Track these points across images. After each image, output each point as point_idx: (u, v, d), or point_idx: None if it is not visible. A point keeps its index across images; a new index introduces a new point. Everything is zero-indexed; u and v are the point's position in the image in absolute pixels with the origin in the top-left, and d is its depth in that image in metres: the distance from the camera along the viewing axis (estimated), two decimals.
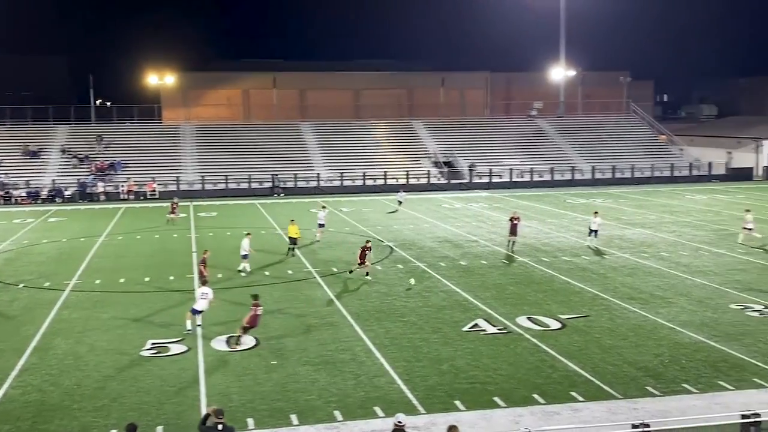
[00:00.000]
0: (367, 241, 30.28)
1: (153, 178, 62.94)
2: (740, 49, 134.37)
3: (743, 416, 11.35)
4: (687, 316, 23.47)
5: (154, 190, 61.24)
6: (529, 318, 23.56)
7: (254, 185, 63.18)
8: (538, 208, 51.03)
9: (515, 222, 35.38)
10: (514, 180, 67.07)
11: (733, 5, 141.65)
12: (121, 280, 29.78)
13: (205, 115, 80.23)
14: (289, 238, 34.45)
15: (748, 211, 36.79)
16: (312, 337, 21.90)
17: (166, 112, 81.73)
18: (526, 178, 67.51)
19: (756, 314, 23.62)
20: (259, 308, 21.04)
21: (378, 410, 16.51)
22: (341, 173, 65.69)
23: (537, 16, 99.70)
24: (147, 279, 30.03)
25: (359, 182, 65.12)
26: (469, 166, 68.54)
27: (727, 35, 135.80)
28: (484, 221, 45.06)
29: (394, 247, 36.18)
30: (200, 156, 68.78)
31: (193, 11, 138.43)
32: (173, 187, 62.16)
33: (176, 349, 20.88)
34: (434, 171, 68.45)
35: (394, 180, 65.34)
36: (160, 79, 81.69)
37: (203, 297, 22.29)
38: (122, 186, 61.36)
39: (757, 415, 11.32)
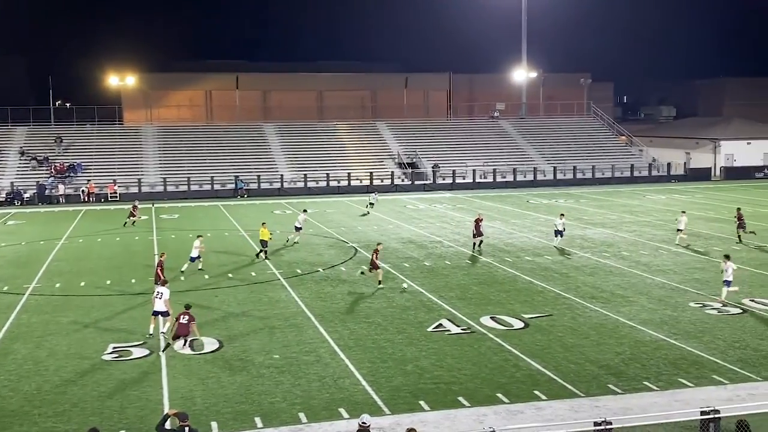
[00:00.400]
0: (378, 244, 29.78)
1: (114, 180, 62.16)
2: (698, 52, 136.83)
3: (703, 413, 11.55)
4: (647, 315, 23.82)
5: (115, 193, 60.48)
6: (492, 318, 23.72)
7: (217, 187, 62.74)
8: (501, 209, 51.40)
9: (479, 222, 35.59)
10: (477, 181, 67.51)
11: (690, 9, 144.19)
12: (82, 284, 29.36)
13: (166, 116, 79.44)
14: (261, 241, 34.07)
15: (683, 212, 36.83)
16: (276, 339, 21.80)
17: (127, 114, 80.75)
18: (489, 179, 68.01)
19: (714, 312, 24.05)
20: (185, 317, 20.17)
21: (343, 411, 16.50)
22: (305, 175, 65.52)
23: (499, 19, 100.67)
24: (108, 282, 29.64)
25: (323, 183, 65.01)
26: (433, 167, 68.82)
27: (685, 38, 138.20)
28: (447, 222, 45.27)
29: (358, 249, 36.17)
30: (162, 158, 68.10)
31: (155, 12, 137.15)
32: (135, 189, 61.51)
33: (138, 352, 20.64)
34: (398, 172, 68.60)
35: (358, 181, 65.36)
36: (121, 80, 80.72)
37: (158, 297, 21.77)
38: (83, 188, 60.50)
39: (717, 411, 11.53)
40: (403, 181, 67.49)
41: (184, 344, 20.67)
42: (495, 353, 20.32)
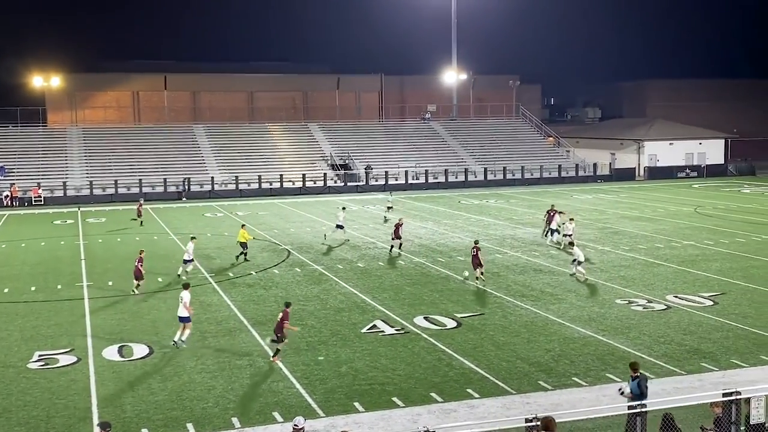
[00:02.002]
0: (476, 242, 29.48)
1: (38, 183, 60.34)
2: (622, 55, 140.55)
3: (630, 407, 11.86)
4: (576, 312, 24.36)
5: (39, 196, 58.71)
6: (426, 318, 23.91)
7: (146, 189, 61.52)
8: (433, 209, 51.83)
9: (399, 227, 35.69)
10: (409, 182, 67.92)
11: (615, 13, 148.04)
12: (6, 290, 28.42)
13: (93, 118, 77.59)
14: (240, 243, 33.62)
15: (572, 220, 36.62)
16: (208, 344, 21.52)
17: (52, 115, 78.49)
18: (422, 180, 68.51)
19: (640, 308, 24.74)
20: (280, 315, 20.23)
21: (277, 415, 16.39)
22: (236, 177, 64.81)
23: (429, 21, 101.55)
24: (33, 288, 28.78)
25: (255, 186, 64.43)
26: (366, 169, 68.95)
27: (610, 41, 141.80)
28: (380, 223, 45.40)
29: (291, 251, 35.98)
30: (88, 160, 66.44)
31: (80, 11, 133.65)
32: (60, 193, 59.92)
33: (65, 360, 20.10)
34: (331, 173, 68.49)
35: (290, 183, 65.02)
36: (45, 80, 78.38)
37: (180, 302, 21.32)
38: (5, 192, 58.52)
39: (644, 405, 11.85)
40: (335, 182, 67.44)
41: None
42: (429, 353, 20.48)
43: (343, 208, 40.17)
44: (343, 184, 66.96)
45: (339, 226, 38.14)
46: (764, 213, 47.18)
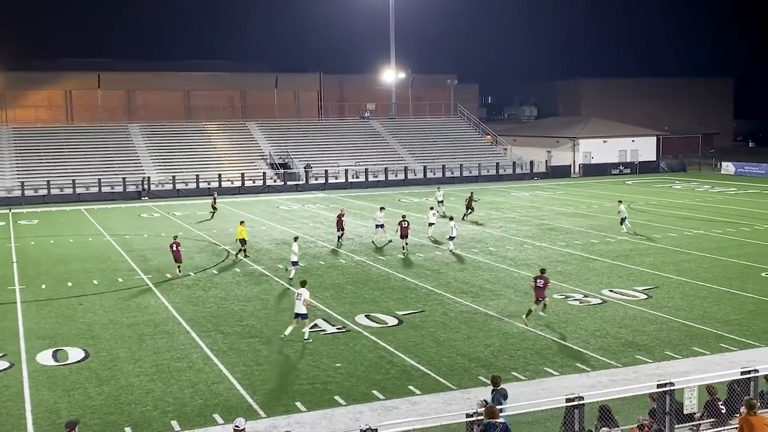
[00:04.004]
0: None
1: None
2: (557, 54, 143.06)
3: (568, 400, 12.07)
4: (514, 307, 24.69)
5: None
6: (367, 316, 23.94)
7: (80, 190, 60.06)
8: (374, 208, 51.79)
9: (341, 218, 36.54)
10: (349, 181, 67.87)
11: (549, 13, 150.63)
12: None
13: (24, 117, 75.28)
14: (239, 240, 33.66)
15: (451, 218, 36.50)
16: (146, 346, 21.14)
17: None
18: (362, 179, 68.52)
19: (576, 303, 25.23)
20: (540, 281, 22.75)
21: (217, 417, 16.21)
22: (173, 177, 63.78)
23: (368, 19, 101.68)
24: None
25: (192, 185, 63.50)
26: (305, 168, 68.67)
27: (545, 41, 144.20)
28: (321, 222, 45.28)
29: (230, 251, 35.60)
30: (19, 161, 64.54)
31: (10, 7, 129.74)
32: None
33: None
34: (270, 173, 67.99)
35: (229, 183, 64.30)
36: None
37: (297, 298, 21.52)
38: None
39: (581, 398, 12.07)
40: (275, 181, 66.96)
41: (544, 307, 23.11)
42: (370, 351, 20.51)
43: (382, 208, 38.93)
44: (282, 183, 66.51)
45: (379, 226, 37.13)
46: (695, 208, 48.60)
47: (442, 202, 48.57)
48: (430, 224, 38.36)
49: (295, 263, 29.37)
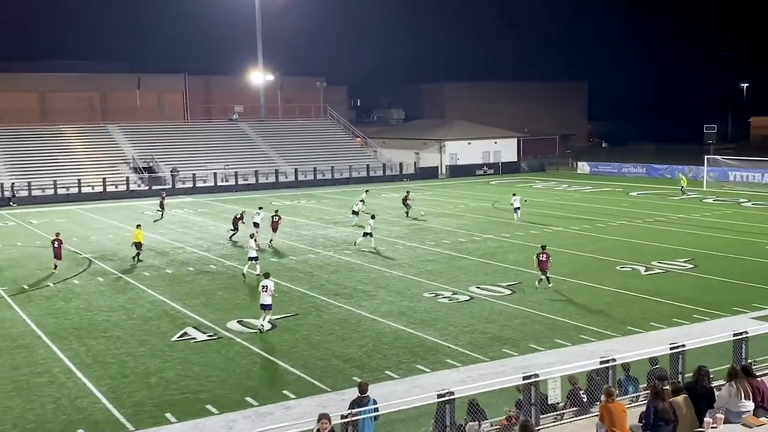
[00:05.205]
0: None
1: None
2: (423, 58, 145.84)
3: (439, 395, 12.32)
4: (387, 307, 25.01)
5: None
6: (239, 321, 23.59)
7: None
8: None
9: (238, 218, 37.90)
10: (218, 184, 66.62)
11: (415, 18, 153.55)
12: None
13: None
14: (134, 243, 33.05)
15: (373, 216, 38.59)
16: (2, 362, 19.96)
17: None
18: (231, 182, 67.40)
19: (446, 300, 25.83)
20: (543, 255, 26.65)
21: None
22: (28, 182, 60.52)
23: (234, 21, 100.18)
24: None
25: (50, 191, 60.47)
26: (172, 172, 66.80)
27: (411, 45, 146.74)
28: (189, 227, 44.21)
29: (92, 259, 34.18)
30: None
31: None
32: None
33: None
34: (134, 177, 65.73)
35: (90, 188, 61.72)
36: None
37: (263, 290, 22.58)
38: None
39: (452, 393, 12.34)
40: (139, 186, 64.80)
41: (548, 280, 26.69)
42: (243, 357, 20.22)
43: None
44: (147, 187, 64.43)
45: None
46: (554, 206, 50.81)
47: (363, 201, 48.01)
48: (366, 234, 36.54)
49: (254, 258, 30.16)
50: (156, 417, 16.36)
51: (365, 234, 36.12)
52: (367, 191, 52.84)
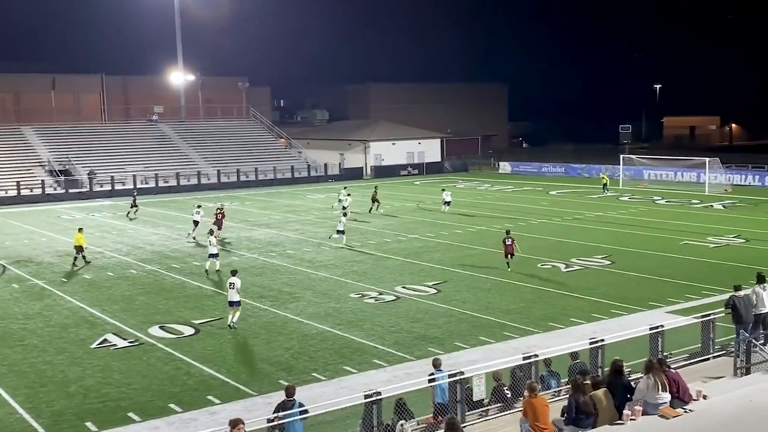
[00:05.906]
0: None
1: None
2: (346, 59, 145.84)
3: (366, 396, 12.36)
4: (313, 309, 24.92)
5: None
6: (161, 327, 23.14)
7: None
8: (166, 215, 50.24)
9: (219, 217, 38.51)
10: (138, 187, 65.11)
11: (339, 18, 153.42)
12: None
13: None
14: (76, 247, 32.25)
15: (345, 214, 39.67)
16: None
17: None
18: (151, 184, 66.00)
19: (372, 301, 25.91)
20: (509, 240, 30.01)
21: None
22: None
23: (152, 21, 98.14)
24: None
25: None
26: (89, 174, 65.01)
27: (335, 45, 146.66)
28: (108, 231, 43.11)
29: (7, 266, 32.99)
30: None
31: None
32: None
33: None
34: (49, 180, 63.71)
35: (3, 192, 59.53)
36: None
37: (231, 287, 22.80)
38: None
39: (379, 393, 12.41)
40: (55, 189, 62.83)
41: (512, 259, 29.78)
42: (165, 363, 19.84)
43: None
44: (64, 191, 62.53)
45: (196, 222, 38.16)
46: (477, 206, 51.54)
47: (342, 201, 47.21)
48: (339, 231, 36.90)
49: (215, 255, 30.69)
50: (76, 426, 15.91)
51: (338, 231, 36.68)
52: (345, 187, 52.55)
